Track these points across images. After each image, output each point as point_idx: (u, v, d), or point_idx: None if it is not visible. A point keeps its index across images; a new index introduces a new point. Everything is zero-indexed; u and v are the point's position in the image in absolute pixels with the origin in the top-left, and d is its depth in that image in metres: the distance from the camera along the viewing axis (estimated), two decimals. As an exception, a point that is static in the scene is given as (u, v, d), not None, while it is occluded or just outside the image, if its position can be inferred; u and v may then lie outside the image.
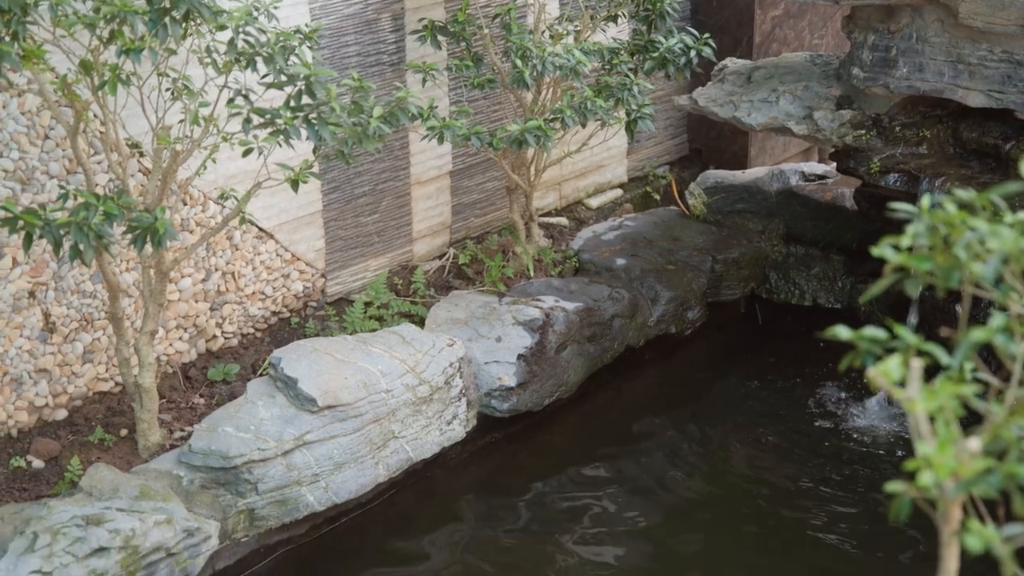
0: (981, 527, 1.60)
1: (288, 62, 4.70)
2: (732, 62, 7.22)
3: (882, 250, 1.82)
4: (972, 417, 1.74)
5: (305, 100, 4.75)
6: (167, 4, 4.34)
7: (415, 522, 5.51)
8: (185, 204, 5.60)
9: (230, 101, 4.76)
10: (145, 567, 4.54)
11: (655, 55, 6.38)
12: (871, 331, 1.81)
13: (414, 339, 5.63)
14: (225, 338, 5.91)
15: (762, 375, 6.69)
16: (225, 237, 5.80)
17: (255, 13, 4.77)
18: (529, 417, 6.00)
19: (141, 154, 5.29)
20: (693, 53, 6.41)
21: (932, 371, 1.72)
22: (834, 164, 7.19)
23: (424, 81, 6.03)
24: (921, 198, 1.91)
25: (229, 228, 5.77)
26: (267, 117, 4.70)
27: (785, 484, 5.82)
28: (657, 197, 7.96)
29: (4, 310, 5.07)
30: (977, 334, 1.73)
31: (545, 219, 7.23)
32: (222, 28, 4.60)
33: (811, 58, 7.09)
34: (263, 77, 4.76)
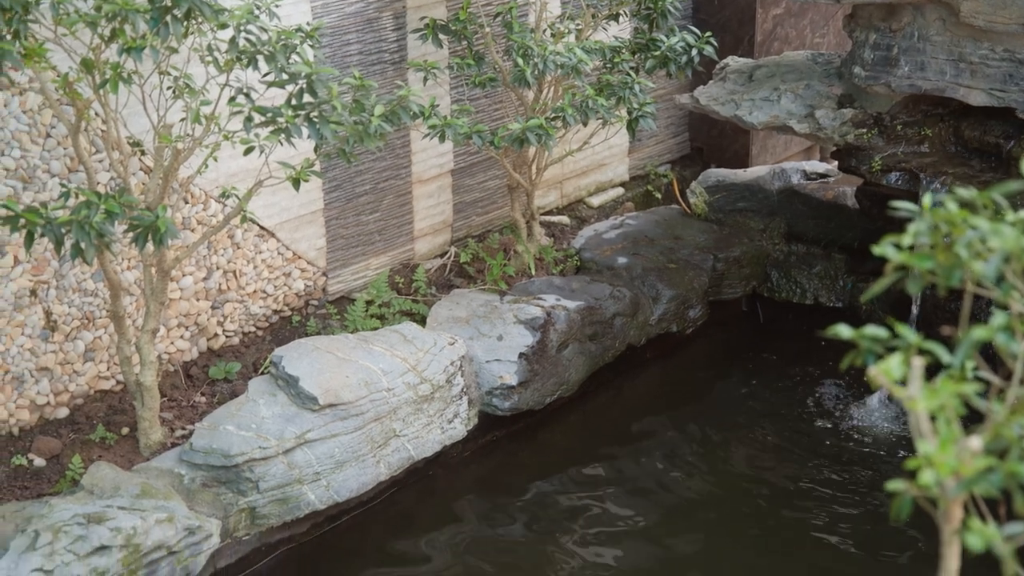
0: (982, 526, 1.60)
1: (289, 60, 4.70)
2: (734, 61, 7.21)
3: (883, 249, 1.82)
4: (973, 416, 1.74)
5: (306, 98, 4.75)
6: (168, 2, 4.34)
7: (416, 521, 5.51)
8: (186, 202, 5.61)
9: (231, 99, 4.76)
10: (146, 565, 4.54)
11: (656, 54, 6.38)
12: (872, 330, 1.81)
13: (415, 337, 5.63)
14: (226, 336, 5.92)
15: (763, 374, 6.69)
16: (226, 235, 5.80)
17: (256, 11, 4.77)
18: (530, 416, 6.00)
19: (142, 152, 5.29)
20: (695, 52, 6.40)
21: (933, 370, 1.72)
22: (835, 163, 7.19)
23: (425, 80, 6.03)
24: (922, 197, 1.90)
25: (230, 226, 5.77)
26: (268, 115, 4.70)
27: (785, 484, 5.81)
28: (658, 196, 7.96)
29: (6, 308, 5.07)
30: (978, 333, 1.73)
31: (546, 218, 7.23)
32: (223, 26, 4.60)
33: (813, 57, 7.08)
34: (264, 75, 4.76)
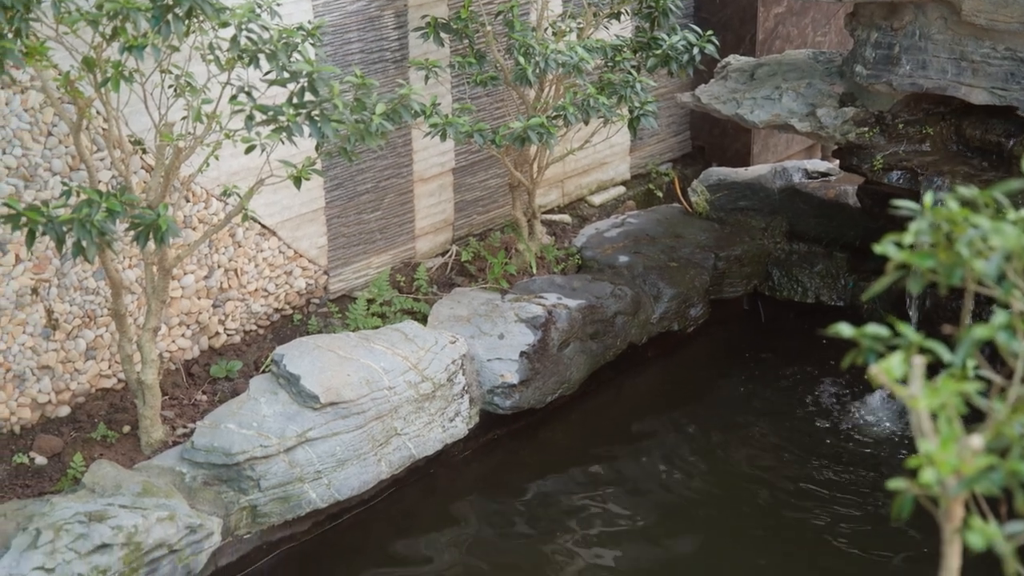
0: (983, 524, 1.60)
1: (291, 59, 4.70)
2: (735, 59, 7.21)
3: (885, 247, 1.82)
4: (974, 415, 1.74)
5: (308, 97, 4.75)
6: (170, 1, 4.34)
7: (417, 519, 5.51)
8: (188, 201, 5.61)
9: (233, 98, 4.76)
10: (148, 564, 4.54)
11: (658, 52, 6.38)
12: (873, 328, 1.81)
13: (417, 336, 5.63)
14: (228, 335, 5.92)
15: (764, 372, 6.69)
16: (228, 234, 5.80)
17: (258, 10, 4.77)
18: (531, 414, 6.00)
19: (144, 151, 5.29)
20: (696, 50, 6.40)
21: (935, 368, 1.72)
22: (837, 161, 7.19)
23: (427, 78, 6.02)
24: (924, 195, 1.90)
25: (232, 225, 5.77)
26: (270, 114, 4.70)
27: (786, 483, 5.81)
28: (660, 194, 7.96)
29: (7, 307, 5.07)
30: (979, 331, 1.73)
31: (548, 216, 7.23)
32: (225, 25, 4.60)
33: (814, 55, 7.08)
34: (266, 74, 4.76)
